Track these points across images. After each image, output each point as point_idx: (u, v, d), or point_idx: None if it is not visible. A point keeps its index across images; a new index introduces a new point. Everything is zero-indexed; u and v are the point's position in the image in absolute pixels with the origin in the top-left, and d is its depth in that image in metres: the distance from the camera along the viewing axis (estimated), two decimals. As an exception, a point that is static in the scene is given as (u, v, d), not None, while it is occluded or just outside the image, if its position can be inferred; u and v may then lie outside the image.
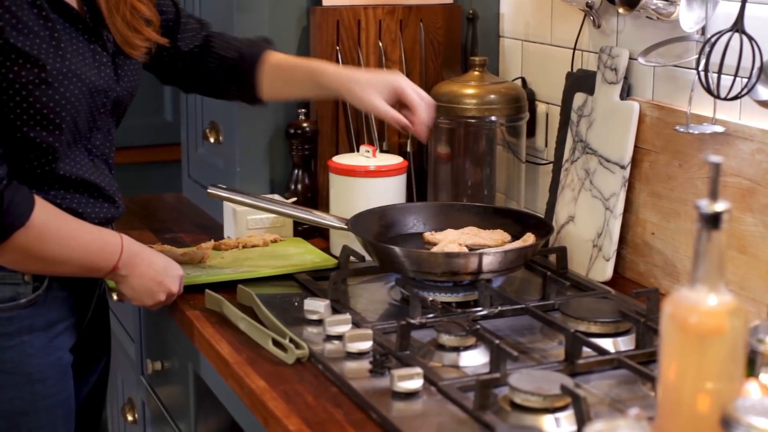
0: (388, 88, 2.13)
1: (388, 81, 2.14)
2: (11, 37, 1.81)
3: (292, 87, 2.26)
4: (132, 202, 2.94)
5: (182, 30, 2.22)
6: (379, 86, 2.13)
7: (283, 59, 2.25)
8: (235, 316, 1.99)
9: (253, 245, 2.40)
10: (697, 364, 1.22)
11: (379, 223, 2.27)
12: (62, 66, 1.87)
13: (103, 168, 2.03)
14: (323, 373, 1.78)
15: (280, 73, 2.23)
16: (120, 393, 2.88)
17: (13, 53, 1.82)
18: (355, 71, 2.20)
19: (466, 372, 1.76)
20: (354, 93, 2.14)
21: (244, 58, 2.24)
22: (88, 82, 1.92)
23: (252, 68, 2.23)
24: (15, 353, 1.93)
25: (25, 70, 1.83)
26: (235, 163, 2.61)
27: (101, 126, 2.00)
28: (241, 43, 2.27)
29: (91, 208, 1.99)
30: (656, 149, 2.17)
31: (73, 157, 1.95)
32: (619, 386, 1.71)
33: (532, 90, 2.60)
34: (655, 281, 2.17)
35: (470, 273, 2.03)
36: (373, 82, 2.13)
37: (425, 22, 2.61)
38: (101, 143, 2.01)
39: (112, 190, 2.04)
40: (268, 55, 2.24)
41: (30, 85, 1.84)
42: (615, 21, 2.30)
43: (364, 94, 2.13)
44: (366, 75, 2.17)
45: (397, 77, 2.15)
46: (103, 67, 1.97)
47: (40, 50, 1.85)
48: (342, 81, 2.15)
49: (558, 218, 2.36)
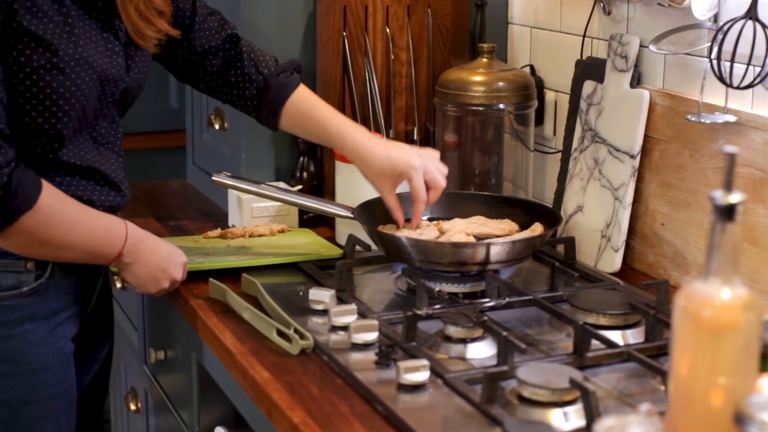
0: (398, 176, 2.10)
1: (399, 169, 2.09)
2: (24, 20, 1.80)
3: (310, 137, 2.24)
4: (137, 189, 2.92)
5: (198, 28, 2.17)
6: (389, 173, 2.09)
7: (307, 107, 2.18)
8: (239, 306, 1.97)
9: (260, 234, 2.38)
10: (710, 359, 1.20)
11: (385, 211, 2.24)
12: (74, 52, 1.85)
13: (109, 156, 2.00)
14: (328, 365, 1.76)
15: (302, 120, 2.19)
16: (123, 382, 2.86)
17: (26, 36, 1.81)
18: (371, 148, 2.12)
19: (473, 364, 1.73)
20: (367, 177, 2.14)
21: (270, 88, 2.18)
22: (99, 70, 1.90)
23: (278, 103, 2.18)
24: (17, 342, 1.92)
25: (37, 54, 1.82)
26: (241, 150, 2.58)
27: (107, 114, 1.98)
28: (269, 65, 2.20)
29: (96, 195, 1.97)
30: (667, 138, 2.14)
31: (78, 144, 1.93)
32: (629, 379, 1.68)
33: (541, 78, 2.57)
34: (664, 273, 2.15)
35: (477, 263, 2.01)
36: (384, 167, 2.10)
37: (433, 8, 2.57)
38: (106, 131, 1.99)
39: (118, 178, 2.02)
40: (296, 93, 2.19)
41: (41, 69, 1.82)
42: (626, 8, 2.27)
43: (375, 180, 2.13)
44: (380, 156, 2.11)
45: (409, 166, 2.09)
46: (115, 56, 1.95)
47: (53, 35, 1.83)
48: (356, 161, 2.14)
49: (566, 208, 2.33)
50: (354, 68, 2.51)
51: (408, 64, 2.57)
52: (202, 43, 2.18)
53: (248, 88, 2.19)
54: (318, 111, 2.18)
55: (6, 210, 1.80)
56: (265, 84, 2.19)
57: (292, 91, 2.19)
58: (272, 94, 2.18)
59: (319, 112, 2.18)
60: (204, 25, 2.18)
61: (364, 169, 2.13)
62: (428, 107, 2.58)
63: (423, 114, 2.59)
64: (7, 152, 1.80)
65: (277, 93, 2.18)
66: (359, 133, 2.14)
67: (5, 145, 1.80)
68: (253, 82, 2.19)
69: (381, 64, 2.55)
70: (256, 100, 2.19)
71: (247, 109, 2.23)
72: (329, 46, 2.50)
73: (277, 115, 2.19)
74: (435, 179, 2.11)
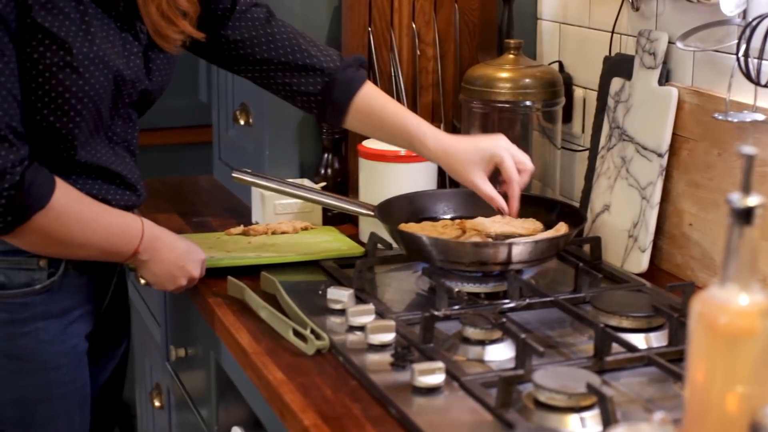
0: (488, 161, 2.04)
1: (488, 153, 2.04)
2: (39, 16, 1.77)
3: (380, 134, 2.16)
4: (163, 185, 2.91)
5: (239, 17, 2.10)
6: (479, 161, 2.04)
7: (378, 104, 2.12)
8: (256, 305, 1.94)
9: (283, 232, 2.35)
10: (726, 367, 1.16)
11: (407, 209, 2.21)
12: (89, 51, 1.82)
13: (125, 155, 1.98)
14: (344, 366, 1.73)
15: (372, 118, 2.12)
16: (149, 378, 2.85)
17: (40, 33, 1.78)
18: (455, 141, 2.08)
19: (490, 366, 1.70)
20: (455, 170, 2.06)
21: (336, 83, 2.11)
22: (114, 70, 1.86)
23: (346, 99, 2.11)
24: (29, 340, 1.90)
25: (50, 51, 1.79)
26: (265, 146, 2.56)
27: (123, 114, 1.95)
28: (334, 59, 2.13)
29: (111, 195, 1.95)
30: (695, 137, 2.09)
31: (94, 145, 1.90)
32: (651, 384, 1.64)
33: (570, 74, 2.53)
34: (692, 274, 2.10)
35: (499, 263, 1.97)
36: (473, 156, 2.04)
37: (460, 3, 2.54)
38: (122, 130, 1.96)
39: (133, 178, 1.99)
40: (364, 90, 2.12)
41: (54, 67, 1.80)
42: (654, 4, 2.22)
43: (465, 171, 2.05)
44: (465, 146, 2.06)
45: (498, 147, 2.05)
46: (133, 57, 1.92)
47: (68, 32, 1.80)
48: (440, 156, 2.07)
49: (593, 207, 2.29)
50: (379, 64, 2.48)
51: (434, 59, 2.53)
52: (248, 34, 2.10)
53: (311, 84, 2.12)
54: (390, 109, 2.12)
55: (19, 209, 1.78)
56: (331, 79, 2.12)
57: (360, 87, 2.12)
58: (339, 91, 2.11)
59: (392, 110, 2.12)
60: (247, 15, 2.11)
61: (451, 163, 2.06)
62: (455, 104, 2.54)
63: (450, 111, 2.56)
64: (20, 150, 1.78)
65: (344, 89, 2.11)
66: (437, 131, 2.10)
67: (18, 143, 1.78)
68: (317, 76, 2.12)
69: (407, 59, 2.51)
70: (321, 95, 2.12)
71: (307, 105, 2.15)
72: (354, 42, 2.47)
73: (343, 112, 2.12)
74: (523, 161, 2.06)
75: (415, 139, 2.08)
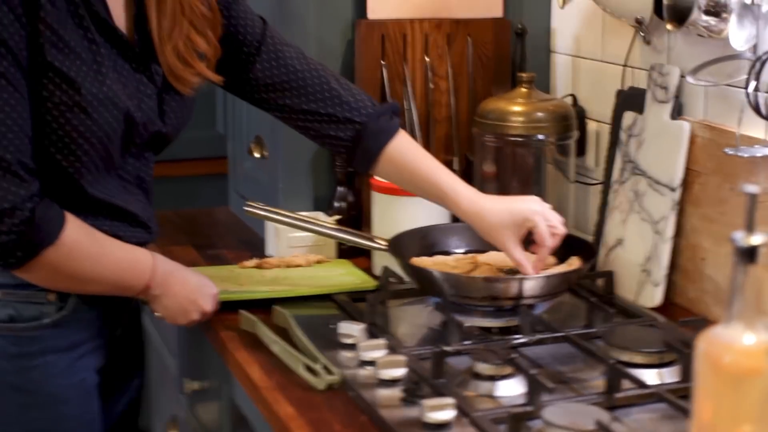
0: (520, 225, 2.02)
1: (521, 217, 2.01)
2: (50, 55, 1.78)
3: (411, 187, 2.14)
4: (178, 217, 2.91)
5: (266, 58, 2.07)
6: (511, 225, 2.01)
7: (411, 156, 2.09)
8: (268, 339, 1.94)
9: (297, 265, 2.36)
10: (732, 406, 1.15)
11: (420, 243, 2.21)
12: (99, 91, 1.82)
13: (137, 192, 1.98)
14: (354, 401, 1.73)
15: (404, 170, 2.10)
16: (165, 409, 2.85)
17: (51, 71, 1.78)
18: (488, 202, 2.05)
19: (501, 402, 1.69)
20: (487, 233, 2.04)
21: (368, 131, 2.08)
22: (124, 111, 1.85)
23: (377, 149, 2.08)
24: (38, 373, 1.91)
25: (60, 90, 1.79)
26: (279, 179, 2.56)
27: (135, 153, 1.95)
28: (367, 106, 2.11)
29: (122, 232, 1.94)
30: (707, 171, 2.09)
31: (104, 183, 1.90)
32: (662, 421, 1.64)
33: (583, 107, 2.53)
34: (705, 308, 2.09)
35: (511, 298, 1.97)
36: (506, 221, 2.01)
37: (473, 37, 2.55)
38: (133, 168, 1.96)
39: (145, 216, 1.99)
40: (396, 140, 2.10)
41: (63, 106, 1.80)
42: (666, 37, 2.22)
43: (497, 234, 2.02)
44: (500, 209, 2.03)
45: (531, 212, 2.02)
46: (147, 99, 1.91)
47: (78, 72, 1.80)
48: (473, 218, 2.05)
49: (606, 241, 2.28)
50: (393, 97, 2.49)
51: (448, 93, 2.54)
52: (279, 79, 2.08)
53: (342, 129, 2.09)
54: (423, 163, 2.09)
55: (29, 244, 1.79)
56: (363, 127, 2.09)
57: (392, 137, 2.10)
58: (370, 139, 2.09)
59: (424, 165, 2.09)
60: (278, 56, 2.09)
61: (483, 225, 2.04)
62: (468, 137, 2.54)
63: (464, 144, 2.56)
64: (31, 186, 1.79)
65: (375, 138, 2.09)
66: (471, 190, 2.07)
67: (29, 179, 1.79)
68: (349, 124, 2.09)
69: (420, 93, 2.52)
70: (351, 142, 2.09)
71: (335, 149, 2.15)
72: (367, 75, 2.48)
73: (372, 161, 2.09)
74: (555, 225, 2.03)
75: (447, 197, 2.06)
